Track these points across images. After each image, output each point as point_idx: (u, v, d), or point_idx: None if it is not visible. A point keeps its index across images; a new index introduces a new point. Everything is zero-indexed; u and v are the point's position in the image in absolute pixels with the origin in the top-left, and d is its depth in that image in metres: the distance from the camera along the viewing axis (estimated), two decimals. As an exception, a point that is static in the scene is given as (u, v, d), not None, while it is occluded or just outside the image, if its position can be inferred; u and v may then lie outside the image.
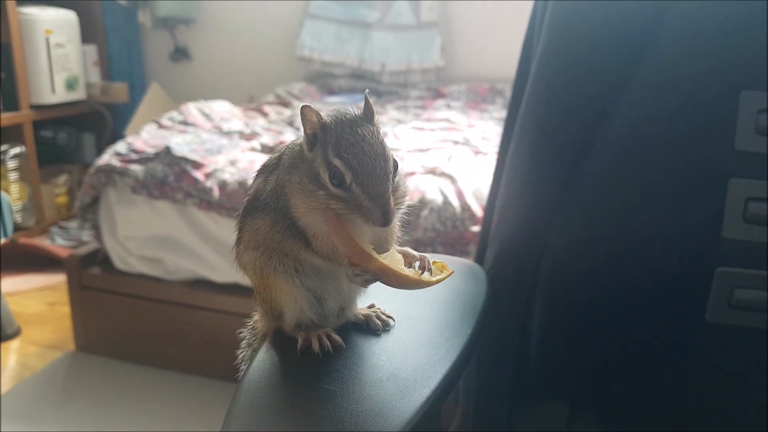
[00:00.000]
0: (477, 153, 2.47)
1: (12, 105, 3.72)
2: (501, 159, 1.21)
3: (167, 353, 2.54)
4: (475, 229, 2.00)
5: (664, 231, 0.98)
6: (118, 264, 2.58)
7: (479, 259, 1.24)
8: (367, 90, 0.70)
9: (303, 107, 0.65)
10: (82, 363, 2.61)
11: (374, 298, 0.77)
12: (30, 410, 2.30)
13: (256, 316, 0.81)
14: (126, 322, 2.61)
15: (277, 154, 0.73)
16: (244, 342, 0.82)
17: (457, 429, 1.20)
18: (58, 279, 3.26)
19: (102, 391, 2.42)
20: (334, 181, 0.63)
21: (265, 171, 0.73)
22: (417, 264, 0.68)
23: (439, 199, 2.07)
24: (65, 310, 2.79)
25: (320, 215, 0.65)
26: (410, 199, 0.69)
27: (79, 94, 4.08)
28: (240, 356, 0.82)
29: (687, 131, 0.96)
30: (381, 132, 0.67)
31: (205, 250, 2.43)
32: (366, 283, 0.66)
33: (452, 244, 2.01)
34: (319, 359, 0.67)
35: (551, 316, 1.08)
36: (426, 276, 0.66)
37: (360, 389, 0.61)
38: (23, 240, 3.58)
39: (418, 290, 0.66)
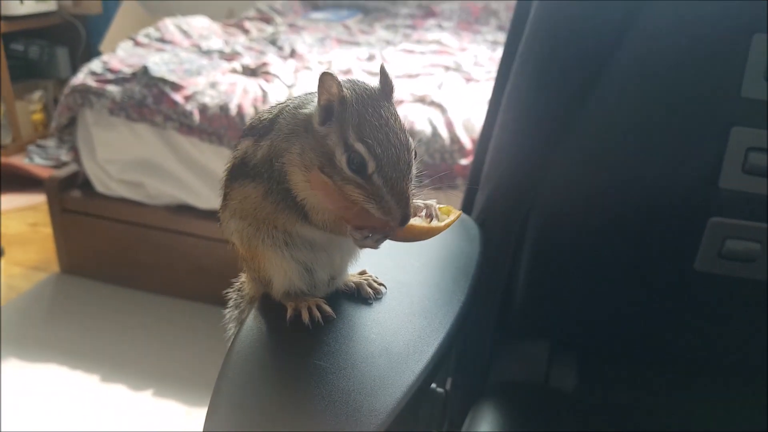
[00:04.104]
0: (468, 80, 2.40)
1: (-22, 15, 3.52)
2: (496, 98, 1.17)
3: (151, 277, 2.55)
4: (464, 162, 1.97)
5: (660, 177, 0.96)
6: (99, 188, 2.53)
7: (468, 201, 1.22)
8: (383, 63, 0.64)
9: (324, 74, 0.58)
10: (67, 285, 2.61)
11: (366, 263, 0.75)
12: (18, 331, 2.32)
13: (243, 277, 0.79)
14: (109, 246, 2.60)
15: (268, 115, 0.67)
16: (231, 302, 0.81)
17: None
18: (39, 199, 3.20)
19: (88, 313, 2.44)
20: (352, 167, 0.58)
21: (254, 133, 0.68)
22: (423, 213, 0.65)
23: (428, 130, 2.02)
24: (48, 231, 2.75)
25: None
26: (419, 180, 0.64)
27: (49, 5, 3.87)
28: (227, 316, 0.80)
29: (693, 74, 0.92)
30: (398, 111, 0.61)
31: (187, 176, 2.38)
32: (377, 244, 0.62)
33: (440, 178, 1.98)
34: (308, 330, 0.65)
35: (539, 260, 1.08)
36: (435, 223, 0.63)
37: (351, 365, 0.59)
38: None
39: (410, 254, 0.64)
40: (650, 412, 1.04)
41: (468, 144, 1.98)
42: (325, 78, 0.58)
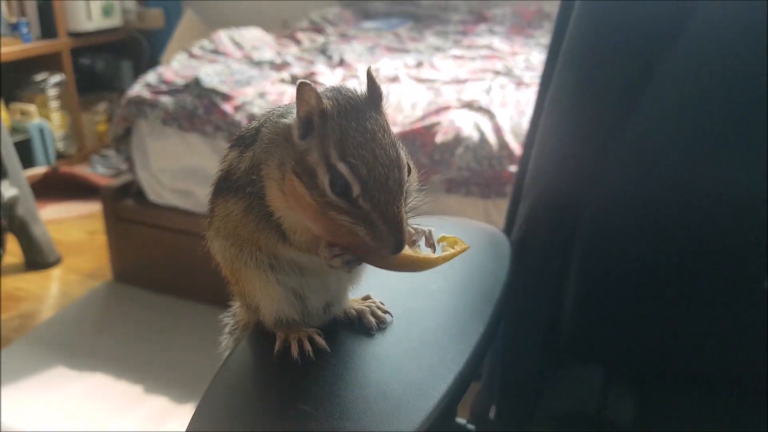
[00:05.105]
0: (519, 84, 2.30)
1: (50, 32, 3.69)
2: (540, 103, 1.09)
3: (200, 286, 2.56)
4: (513, 168, 1.88)
5: (723, 186, 0.86)
6: (152, 196, 2.57)
7: (512, 213, 1.13)
8: (370, 66, 0.57)
9: (301, 84, 0.52)
10: (118, 293, 2.66)
11: (372, 286, 0.66)
12: (67, 339, 2.37)
13: (238, 303, 0.74)
14: (160, 254, 2.63)
15: (255, 124, 0.61)
16: (227, 328, 0.76)
17: (477, 407, 1.13)
18: (98, 207, 3.28)
19: (136, 323, 2.47)
20: (336, 189, 0.51)
21: (240, 143, 0.62)
22: (421, 241, 0.56)
23: (476, 136, 1.94)
24: (105, 239, 2.82)
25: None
26: (418, 202, 0.56)
27: (115, 21, 4.02)
28: (223, 343, 0.75)
29: (758, 74, 0.83)
30: (389, 122, 0.54)
31: (235, 185, 2.38)
32: (348, 266, 0.54)
33: (488, 185, 1.90)
34: (298, 366, 0.57)
35: (589, 276, 0.99)
36: (427, 253, 0.54)
37: (340, 412, 0.51)
38: (64, 168, 3.62)
39: (425, 276, 0.55)
40: None
41: (517, 150, 1.89)
42: (303, 88, 0.52)
